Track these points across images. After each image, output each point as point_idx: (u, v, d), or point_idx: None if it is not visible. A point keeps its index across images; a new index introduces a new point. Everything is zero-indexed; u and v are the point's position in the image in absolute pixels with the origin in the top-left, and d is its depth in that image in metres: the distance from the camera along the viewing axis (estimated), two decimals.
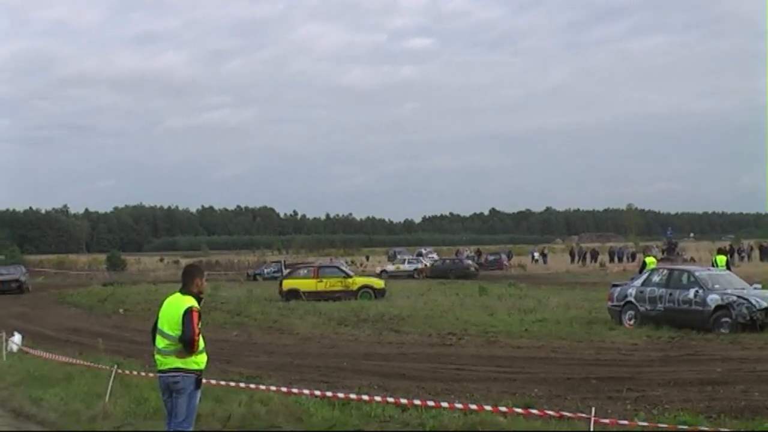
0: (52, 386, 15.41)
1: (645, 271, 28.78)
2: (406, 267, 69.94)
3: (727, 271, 27.73)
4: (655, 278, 24.96)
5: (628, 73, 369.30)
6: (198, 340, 8.91)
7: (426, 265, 70.26)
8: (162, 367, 9.12)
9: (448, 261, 72.88)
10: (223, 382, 12.62)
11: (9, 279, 53.12)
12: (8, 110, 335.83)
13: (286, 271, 66.28)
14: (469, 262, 71.78)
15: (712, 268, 29.17)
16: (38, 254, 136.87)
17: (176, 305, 9.05)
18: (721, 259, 34.39)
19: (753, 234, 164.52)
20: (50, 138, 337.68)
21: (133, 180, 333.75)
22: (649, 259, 37.21)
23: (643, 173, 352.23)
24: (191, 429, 8.99)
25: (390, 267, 72.30)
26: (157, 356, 9.15)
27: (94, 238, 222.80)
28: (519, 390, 14.96)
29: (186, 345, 8.87)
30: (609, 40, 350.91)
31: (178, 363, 8.95)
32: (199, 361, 9.02)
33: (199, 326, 8.96)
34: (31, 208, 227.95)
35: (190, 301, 9.02)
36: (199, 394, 9.08)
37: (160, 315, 9.17)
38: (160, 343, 9.08)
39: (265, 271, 69.08)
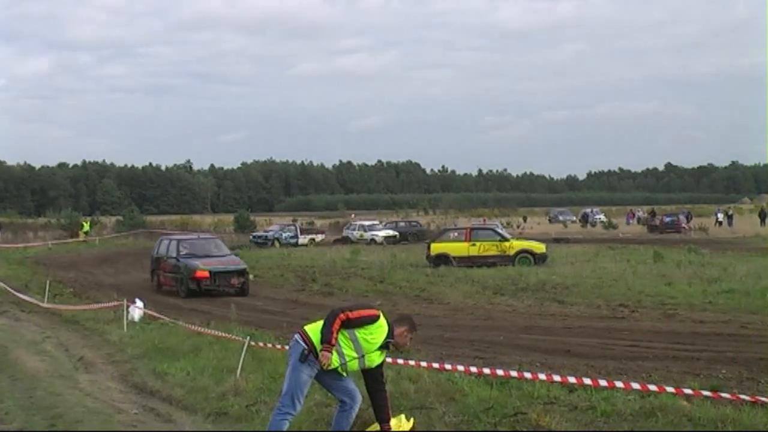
0: (178, 359, 15.75)
1: None
2: (368, 235, 69.50)
3: None
4: None
5: None
6: (336, 321, 8.90)
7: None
8: None
9: (402, 223, 77.51)
10: None
11: (231, 270, 30.82)
12: (126, 57, 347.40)
13: (305, 237, 67.05)
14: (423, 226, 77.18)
15: None
16: (159, 215, 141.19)
17: None
18: None
19: None
20: (171, 87, 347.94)
21: (263, 133, 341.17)
22: None
23: None
24: (290, 407, 9.00)
25: (354, 233, 71.45)
26: None
27: (220, 197, 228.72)
28: (703, 371, 14.68)
29: (331, 312, 9.01)
30: None
31: (309, 325, 9.21)
32: (316, 338, 9.02)
33: (361, 339, 9.05)
34: (151, 164, 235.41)
35: (383, 319, 9.20)
36: (306, 370, 9.01)
37: None
38: None
39: (284, 235, 66.97)
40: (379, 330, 9.07)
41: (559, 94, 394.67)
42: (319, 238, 69.46)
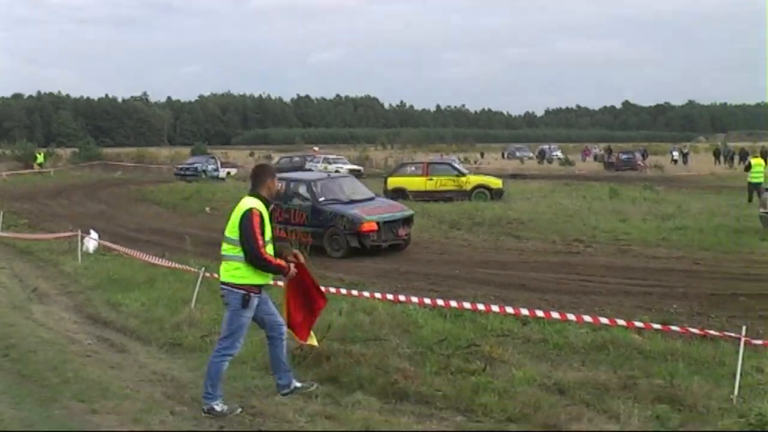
0: (133, 290, 15.84)
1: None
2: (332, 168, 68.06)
3: None
4: None
5: None
6: (268, 259, 8.96)
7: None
8: (220, 278, 9.30)
9: (297, 158, 74.46)
10: (321, 289, 12.71)
11: (398, 218, 23.77)
12: None
13: (223, 171, 64.74)
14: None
15: None
16: (115, 147, 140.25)
17: (239, 207, 9.20)
18: None
19: None
20: (129, 18, 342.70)
21: (221, 65, 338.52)
22: (756, 161, 36.47)
23: None
24: (230, 349, 9.07)
25: (318, 166, 70.23)
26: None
27: (177, 130, 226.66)
28: (655, 305, 14.83)
29: (247, 254, 8.96)
30: None
31: (226, 276, 9.10)
32: (250, 276, 9.05)
33: (267, 234, 9.01)
34: (107, 95, 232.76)
35: (253, 203, 9.12)
36: (247, 313, 9.07)
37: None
38: (222, 247, 9.28)
39: (210, 167, 64.65)
40: (266, 216, 9.13)
41: (519, 31, 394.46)
42: (233, 171, 68.94)
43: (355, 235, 22.52)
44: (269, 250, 9.08)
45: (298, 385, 9.46)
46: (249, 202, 9.13)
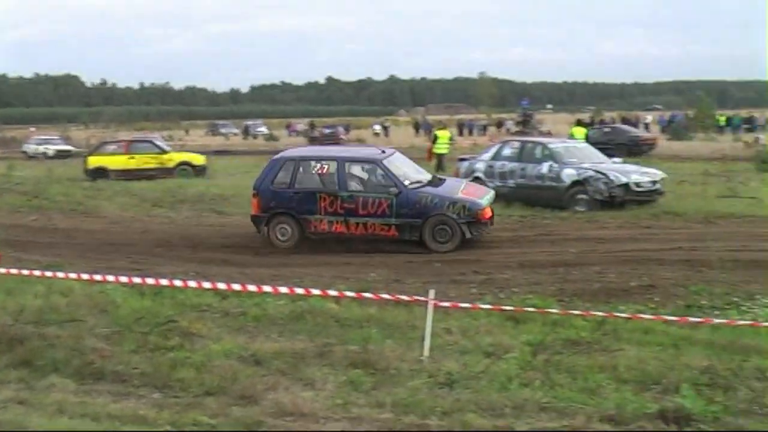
0: None
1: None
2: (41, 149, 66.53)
3: (585, 144, 27.94)
4: (506, 152, 25.31)
5: None
6: None
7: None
8: None
9: None
10: (14, 271, 12.32)
11: (493, 198, 20.41)
12: None
13: None
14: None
15: (568, 140, 29.59)
16: None
17: None
18: (580, 131, 35.14)
19: (616, 106, 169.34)
20: None
21: None
22: (441, 133, 38.27)
23: (498, 38, 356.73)
24: None
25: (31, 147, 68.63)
26: None
27: None
28: (354, 275, 15.19)
29: None
30: None
31: None
32: None
33: None
34: None
35: None
36: None
37: None
38: None
39: None
40: None
41: (223, 4, 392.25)
42: None
43: (472, 224, 18.31)
44: None
45: None
46: None
